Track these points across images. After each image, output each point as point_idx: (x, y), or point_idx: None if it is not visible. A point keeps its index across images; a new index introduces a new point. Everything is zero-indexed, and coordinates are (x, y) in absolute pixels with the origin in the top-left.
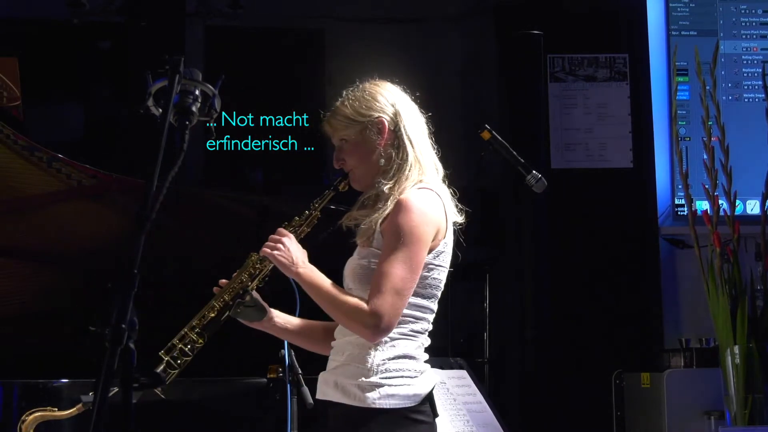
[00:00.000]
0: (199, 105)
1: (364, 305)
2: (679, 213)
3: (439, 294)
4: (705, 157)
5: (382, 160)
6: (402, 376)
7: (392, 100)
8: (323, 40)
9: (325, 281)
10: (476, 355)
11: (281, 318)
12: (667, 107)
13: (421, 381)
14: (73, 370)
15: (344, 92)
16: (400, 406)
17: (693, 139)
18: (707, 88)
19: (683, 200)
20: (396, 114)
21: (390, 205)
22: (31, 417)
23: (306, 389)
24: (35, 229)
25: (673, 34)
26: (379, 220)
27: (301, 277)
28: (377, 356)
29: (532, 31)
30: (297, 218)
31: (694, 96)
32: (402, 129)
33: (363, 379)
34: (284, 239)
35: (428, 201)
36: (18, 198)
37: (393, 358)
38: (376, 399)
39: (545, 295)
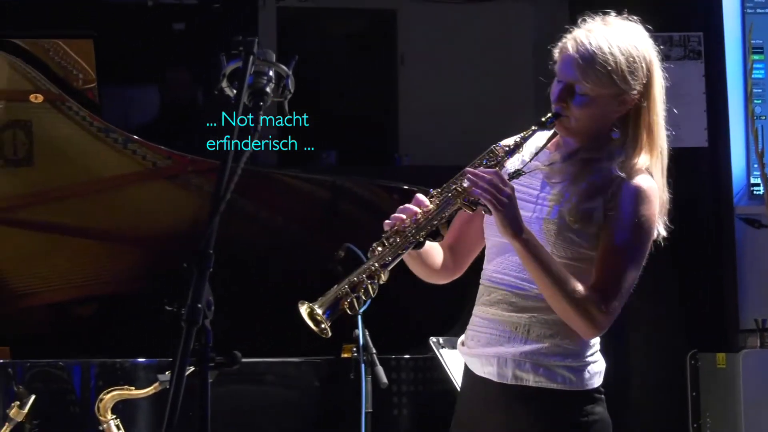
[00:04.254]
0: (272, 85)
1: (597, 301)
2: (754, 192)
3: None
4: None
5: (614, 133)
6: (596, 352)
7: (648, 74)
8: (395, 20)
9: (551, 257)
10: None
11: None
12: (743, 86)
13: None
14: (149, 350)
15: (600, 30)
16: (600, 384)
17: None
18: None
19: (759, 179)
20: (645, 92)
21: (616, 187)
22: (109, 395)
23: (380, 368)
24: (111, 210)
25: (749, 12)
26: (602, 201)
27: (524, 245)
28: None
29: (605, 11)
30: (502, 146)
31: None
32: (642, 108)
33: (571, 360)
34: (508, 189)
35: (659, 196)
36: (94, 179)
37: None
38: (587, 379)
39: None
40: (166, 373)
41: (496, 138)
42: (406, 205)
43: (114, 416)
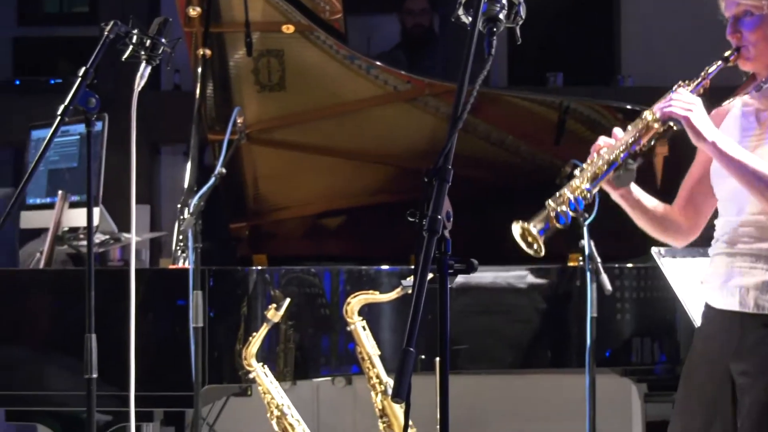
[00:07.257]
0: (505, 12)
1: None
2: None
3: None
4: None
5: None
6: None
7: None
8: None
9: (746, 152)
10: None
11: (636, 190)
12: None
13: None
14: (393, 257)
15: None
16: None
17: None
18: None
19: None
20: None
21: None
22: (356, 300)
23: (605, 276)
24: (356, 131)
25: None
26: None
27: (718, 147)
28: None
29: None
30: (682, 82)
31: None
32: None
33: None
34: (692, 99)
35: None
36: (340, 103)
37: None
38: None
39: None
40: (408, 279)
41: (715, 58)
42: (603, 137)
43: (360, 318)
